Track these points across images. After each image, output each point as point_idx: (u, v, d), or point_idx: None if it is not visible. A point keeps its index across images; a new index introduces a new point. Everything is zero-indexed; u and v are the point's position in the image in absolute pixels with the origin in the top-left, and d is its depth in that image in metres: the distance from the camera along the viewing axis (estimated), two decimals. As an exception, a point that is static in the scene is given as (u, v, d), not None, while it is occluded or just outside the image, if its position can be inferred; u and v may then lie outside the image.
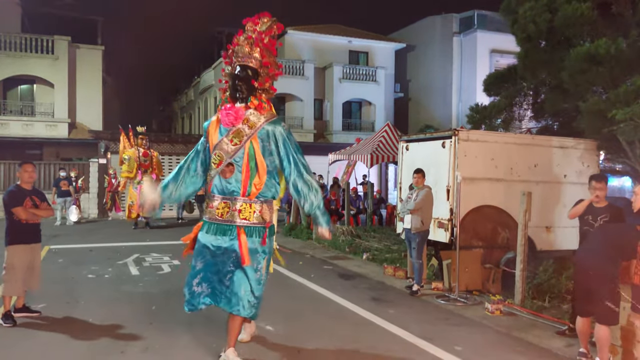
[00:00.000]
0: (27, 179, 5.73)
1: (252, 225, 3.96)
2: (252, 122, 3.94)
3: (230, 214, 3.95)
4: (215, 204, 3.99)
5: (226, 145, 3.92)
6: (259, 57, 4.05)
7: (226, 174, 3.90)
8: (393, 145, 14.85)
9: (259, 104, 4.02)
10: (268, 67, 4.10)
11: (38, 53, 21.42)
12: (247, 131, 3.92)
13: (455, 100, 27.15)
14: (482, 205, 7.84)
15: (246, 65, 4.00)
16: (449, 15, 27.80)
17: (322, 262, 10.18)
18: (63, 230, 14.58)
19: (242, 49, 4.02)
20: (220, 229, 3.96)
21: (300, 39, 26.81)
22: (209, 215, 4.04)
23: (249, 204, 3.95)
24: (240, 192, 3.92)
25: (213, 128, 4.06)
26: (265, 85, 4.12)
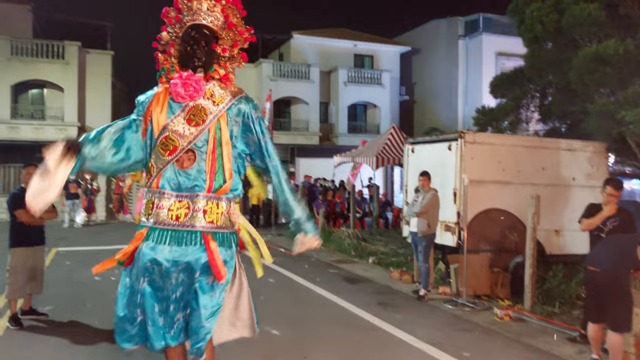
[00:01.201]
0: (30, 181, 5.75)
1: (220, 230, 2.92)
2: (218, 97, 2.93)
3: (191, 216, 2.86)
4: (167, 203, 2.88)
5: (181, 126, 2.88)
6: (220, 16, 3.03)
7: (184, 164, 2.88)
8: (399, 148, 14.80)
9: (225, 75, 3.03)
10: (234, 29, 3.08)
11: (49, 58, 21.58)
12: (212, 108, 2.90)
13: (461, 103, 27.12)
14: (489, 208, 7.79)
15: (202, 25, 2.97)
16: (454, 18, 27.79)
17: (327, 266, 10.15)
18: (71, 232, 14.64)
19: (196, 4, 3.00)
20: (175, 236, 2.86)
21: (306, 43, 26.87)
22: (156, 218, 2.88)
23: (215, 202, 2.91)
24: (205, 187, 2.88)
25: (157, 104, 2.96)
26: (233, 51, 3.10)
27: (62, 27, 23.51)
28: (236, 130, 2.97)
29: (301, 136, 25.37)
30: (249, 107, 2.98)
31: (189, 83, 2.88)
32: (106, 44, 24.13)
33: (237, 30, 3.09)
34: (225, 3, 3.07)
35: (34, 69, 21.38)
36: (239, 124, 2.97)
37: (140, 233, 2.93)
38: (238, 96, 2.98)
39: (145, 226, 2.92)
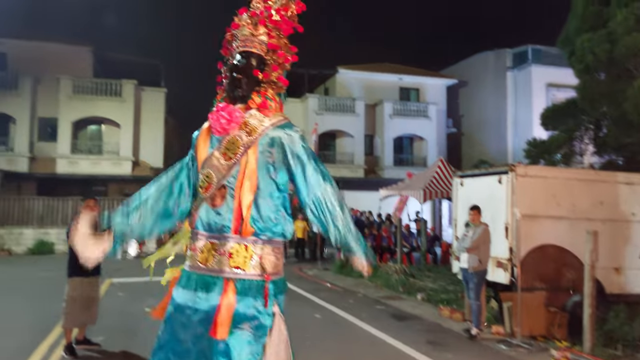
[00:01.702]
0: (89, 213, 5.98)
1: (247, 277, 2.56)
2: (251, 127, 2.69)
3: (218, 260, 2.58)
4: (199, 244, 2.65)
5: (217, 160, 2.66)
6: (265, 39, 2.83)
7: (216, 201, 2.64)
8: (446, 181, 14.59)
9: (262, 102, 2.76)
10: (276, 51, 2.84)
11: (107, 96, 22.76)
12: (244, 139, 2.66)
13: (511, 135, 26.63)
14: (544, 244, 7.52)
15: (248, 51, 2.79)
16: (502, 50, 27.60)
17: (374, 302, 9.99)
18: (124, 264, 15.05)
19: (242, 31, 2.84)
20: (202, 281, 2.59)
21: (351, 77, 27.24)
22: (190, 261, 2.69)
23: (243, 244, 2.59)
24: (232, 227, 2.59)
25: (203, 139, 2.80)
26: (272, 75, 2.84)
27: (120, 66, 24.84)
28: (274, 162, 2.67)
29: (346, 169, 25.46)
30: (284, 132, 2.69)
31: (222, 115, 2.70)
32: (160, 81, 25.26)
33: (278, 52, 2.87)
34: (271, 24, 2.86)
35: (93, 107, 22.55)
36: (274, 154, 2.67)
37: (175, 278, 2.75)
38: (276, 124, 2.71)
39: (182, 269, 2.73)
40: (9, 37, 22.54)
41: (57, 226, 18.45)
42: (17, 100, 21.92)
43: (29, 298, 9.64)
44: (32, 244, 17.97)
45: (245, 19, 2.86)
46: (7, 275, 12.78)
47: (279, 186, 2.69)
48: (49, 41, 23.23)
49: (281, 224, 2.68)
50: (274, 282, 2.65)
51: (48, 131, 22.71)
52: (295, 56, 2.93)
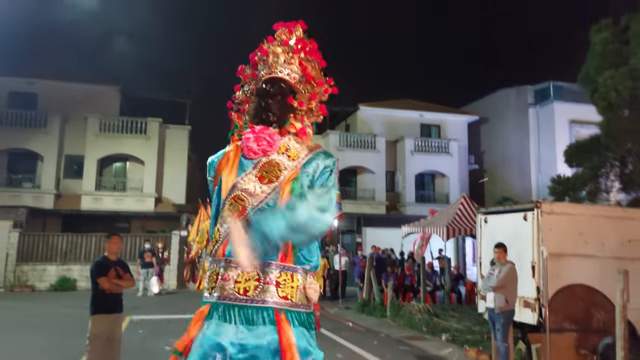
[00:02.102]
0: (113, 250, 6.04)
1: (296, 308, 2.40)
2: (293, 152, 2.59)
3: (261, 289, 2.38)
4: (234, 273, 2.42)
5: (252, 184, 2.52)
6: (296, 69, 2.79)
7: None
8: (470, 218, 14.41)
9: (301, 128, 2.72)
10: (312, 81, 2.81)
11: (132, 133, 23.27)
12: (287, 163, 2.55)
13: (534, 172, 26.35)
14: (572, 283, 7.32)
15: (279, 78, 2.73)
16: (523, 87, 27.62)
17: (397, 342, 9.77)
18: (144, 301, 15.06)
19: (272, 58, 2.78)
20: (244, 314, 2.36)
21: (372, 114, 27.45)
22: (220, 292, 2.42)
23: (290, 273, 2.43)
24: (278, 255, 2.42)
25: (227, 163, 2.66)
26: (311, 104, 2.82)
27: (145, 104, 25.48)
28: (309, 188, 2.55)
29: (367, 205, 25.37)
30: (327, 162, 2.61)
31: (261, 137, 2.59)
32: (184, 119, 25.78)
33: (316, 82, 2.83)
34: (304, 55, 2.83)
35: (118, 144, 23.05)
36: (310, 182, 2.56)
37: (201, 311, 2.46)
38: (316, 150, 2.65)
39: (207, 302, 2.45)
40: (39, 77, 23.41)
41: (80, 263, 18.65)
42: (45, 138, 22.53)
43: (52, 335, 9.67)
44: (55, 280, 18.14)
45: (275, 46, 2.80)
46: (30, 311, 12.87)
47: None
48: (77, 81, 24.00)
49: (316, 254, 2.56)
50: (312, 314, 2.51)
51: (74, 168, 23.21)
52: (335, 88, 2.89)
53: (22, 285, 17.72)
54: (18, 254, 18.15)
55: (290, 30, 2.85)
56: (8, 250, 18.03)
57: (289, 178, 2.50)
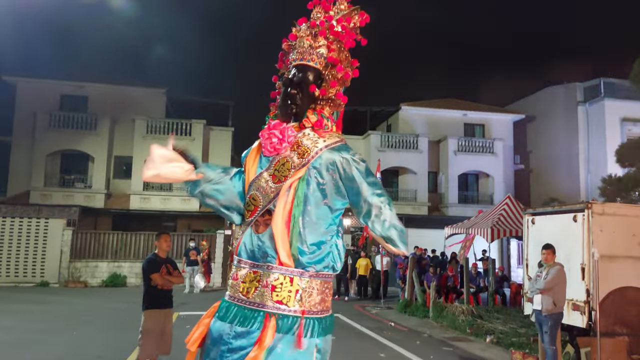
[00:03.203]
0: (164, 248, 6.25)
1: (290, 314, 2.29)
2: (304, 148, 2.42)
3: (260, 292, 2.32)
4: (242, 273, 2.40)
5: (266, 182, 2.43)
6: (324, 53, 2.56)
7: (259, 227, 2.39)
8: (515, 219, 14.11)
9: (317, 121, 2.50)
10: (335, 65, 2.57)
11: (178, 135, 23.88)
12: (295, 161, 2.40)
13: (583, 172, 25.51)
14: (624, 286, 7.10)
15: (305, 65, 2.54)
16: (572, 84, 26.77)
17: (440, 343, 9.69)
18: (191, 298, 15.44)
19: (301, 43, 2.57)
20: (240, 314, 2.33)
21: (414, 113, 27.21)
22: (231, 291, 2.44)
23: (289, 277, 2.32)
24: (277, 257, 2.32)
25: (251, 159, 2.59)
26: (330, 92, 2.57)
27: (190, 106, 26.11)
28: (326, 187, 2.39)
29: (409, 206, 25.18)
30: (340, 155, 2.40)
31: (273, 134, 2.47)
32: (228, 121, 26.28)
33: (338, 66, 2.59)
34: (332, 36, 2.59)
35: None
36: (328, 179, 2.39)
37: (214, 306, 2.48)
38: (331, 146, 2.42)
39: (222, 300, 2.46)
40: (90, 81, 24.35)
41: (129, 260, 19.26)
42: (96, 139, 23.41)
43: (105, 328, 10.05)
44: (106, 276, 18.81)
45: (304, 29, 2.60)
46: (83, 306, 13.40)
47: (331, 213, 2.42)
48: (125, 84, 24.86)
49: (332, 256, 2.41)
50: (319, 319, 2.35)
51: (123, 169, 24.04)
52: (356, 71, 2.66)
53: (76, 281, 18.46)
54: (71, 251, 18.90)
55: (328, 7, 2.63)
56: (62, 248, 18.80)
57: (295, 178, 2.37)
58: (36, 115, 22.84)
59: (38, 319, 10.92)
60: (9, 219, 18.54)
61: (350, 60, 2.64)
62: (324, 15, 2.62)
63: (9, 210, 19.35)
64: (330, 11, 2.63)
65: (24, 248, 18.36)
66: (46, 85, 23.89)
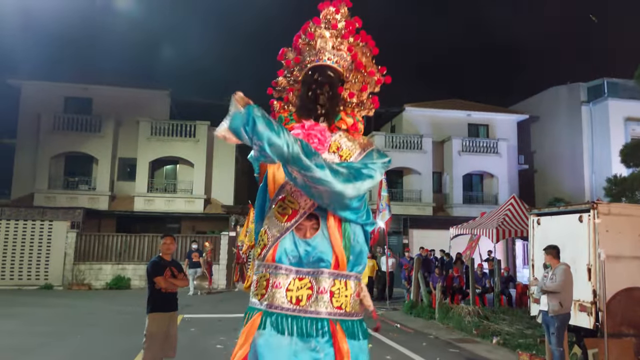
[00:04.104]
0: (168, 250, 6.20)
1: (349, 317, 2.26)
2: (345, 150, 2.40)
3: (316, 299, 2.22)
4: (285, 281, 2.25)
5: None
6: (347, 56, 2.53)
7: (306, 233, 2.28)
8: (520, 220, 14.07)
9: (353, 124, 2.50)
10: (363, 70, 2.55)
11: (182, 137, 23.92)
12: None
13: (587, 172, 25.41)
14: (631, 287, 7.05)
15: (327, 66, 2.47)
16: (575, 84, 26.71)
17: (447, 345, 9.63)
18: (195, 300, 15.43)
19: (320, 42, 2.50)
20: (298, 325, 2.19)
21: (418, 114, 27.16)
22: (271, 300, 2.25)
23: (344, 281, 2.27)
24: (331, 262, 2.24)
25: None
26: (362, 96, 2.57)
27: (194, 108, 26.12)
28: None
29: (414, 207, 25.11)
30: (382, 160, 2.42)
31: (312, 134, 2.36)
32: (231, 122, 26.22)
33: (367, 71, 2.57)
34: (354, 40, 2.57)
35: (169, 147, 23.73)
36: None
37: (253, 321, 2.27)
38: (368, 149, 2.45)
39: (257, 310, 2.29)
40: (94, 83, 24.39)
41: (133, 262, 19.27)
42: (100, 141, 23.42)
43: (109, 331, 10.05)
44: (110, 279, 18.82)
45: (322, 30, 2.54)
46: (87, 309, 13.41)
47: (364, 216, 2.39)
48: (129, 86, 24.88)
49: (365, 258, 2.41)
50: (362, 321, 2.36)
51: (127, 171, 24.05)
52: (388, 77, 2.64)
53: (79, 284, 18.48)
54: (75, 254, 18.92)
55: (337, 10, 2.59)
56: (66, 250, 18.83)
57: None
58: (40, 117, 22.90)
59: (42, 322, 10.92)
60: (13, 222, 18.59)
61: (377, 67, 2.63)
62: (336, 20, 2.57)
63: (13, 213, 19.40)
64: (338, 14, 2.60)
65: (27, 250, 18.40)
66: (50, 87, 23.95)
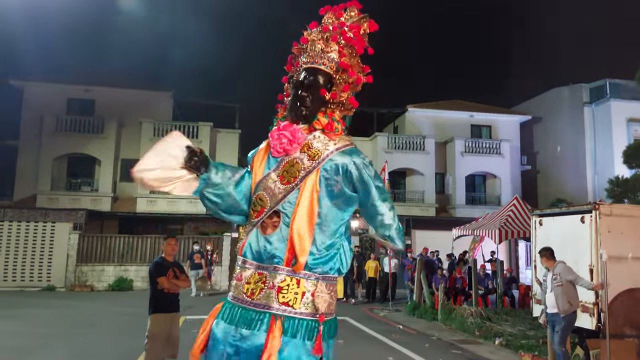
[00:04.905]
0: (170, 251, 6.21)
1: (296, 316, 2.28)
2: (314, 150, 2.43)
3: (265, 294, 2.31)
4: (246, 274, 2.39)
5: (273, 183, 2.43)
6: (335, 57, 2.57)
7: (267, 229, 2.37)
8: (523, 220, 14.03)
9: (328, 124, 2.51)
10: (347, 70, 2.59)
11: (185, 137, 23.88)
12: (305, 163, 2.41)
13: (590, 173, 25.39)
14: (633, 288, 7.03)
15: (316, 68, 2.55)
16: (578, 85, 26.71)
17: (449, 346, 9.62)
18: (197, 301, 15.43)
19: (312, 46, 2.59)
20: (245, 316, 2.31)
21: (421, 115, 27.17)
22: (234, 292, 2.41)
23: (295, 279, 2.31)
24: (283, 259, 2.32)
25: (258, 159, 2.59)
26: (342, 96, 2.60)
27: (197, 109, 26.17)
28: (336, 190, 2.39)
29: (417, 207, 25.10)
30: (350, 158, 2.41)
31: (283, 134, 2.47)
32: (234, 123, 26.30)
33: (350, 71, 2.60)
34: (345, 41, 2.59)
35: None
36: (339, 182, 2.39)
37: (216, 307, 2.46)
38: (342, 149, 2.44)
39: (225, 300, 2.45)
40: (97, 84, 24.42)
41: (136, 263, 19.30)
42: (102, 142, 23.48)
43: (111, 332, 10.06)
44: (113, 280, 18.84)
45: (316, 33, 2.61)
46: (89, 310, 13.43)
47: (340, 216, 2.43)
48: (132, 87, 24.91)
49: (339, 258, 2.41)
50: (326, 323, 2.33)
51: (130, 172, 24.02)
52: (369, 76, 2.68)
53: (82, 285, 18.50)
54: (78, 255, 18.94)
55: (340, 13, 2.65)
56: (68, 252, 18.86)
57: (313, 180, 2.37)
58: (43, 119, 22.96)
59: (44, 324, 10.94)
60: (16, 223, 18.63)
61: (361, 66, 2.66)
62: (336, 22, 2.63)
63: (15, 214, 19.44)
64: (342, 17, 2.65)
65: (30, 252, 18.43)
66: (53, 89, 24.01)
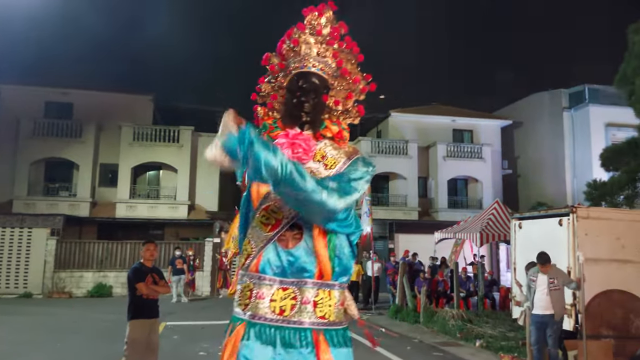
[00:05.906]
0: (149, 257, 6.15)
1: (333, 327, 2.25)
2: (330, 159, 2.36)
3: (298, 310, 2.21)
4: (268, 291, 2.24)
5: None
6: (332, 63, 2.51)
7: (289, 243, 2.26)
8: (504, 224, 14.18)
9: (338, 132, 2.47)
10: (348, 77, 2.55)
11: (165, 142, 23.69)
12: (323, 172, 2.31)
13: (569, 176, 25.80)
14: (609, 289, 7.14)
15: (311, 73, 2.44)
16: (557, 90, 27.13)
17: (431, 348, 9.67)
18: (178, 307, 15.30)
19: (305, 49, 2.48)
20: (283, 336, 2.19)
21: (404, 120, 27.34)
22: (254, 310, 2.23)
23: (327, 290, 2.26)
24: (315, 272, 2.24)
25: None
26: (347, 104, 2.57)
27: (178, 113, 25.93)
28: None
29: (400, 211, 25.22)
30: (366, 169, 2.34)
31: (297, 143, 2.34)
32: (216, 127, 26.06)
33: (352, 78, 2.56)
34: (339, 47, 2.54)
35: (152, 152, 23.51)
36: None
37: (237, 331, 2.25)
38: (353, 157, 2.38)
39: (240, 320, 2.26)
40: (75, 87, 24.03)
41: (115, 269, 19.05)
42: (81, 147, 23.08)
43: (90, 339, 9.91)
44: (91, 286, 18.57)
45: (308, 36, 2.51)
46: (68, 317, 13.22)
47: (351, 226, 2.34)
48: (112, 91, 24.60)
49: (352, 266, 2.39)
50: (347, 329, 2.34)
51: (109, 177, 23.73)
52: (373, 84, 2.61)
53: (60, 292, 18.19)
54: (55, 261, 18.63)
55: (321, 14, 2.55)
56: (46, 258, 18.54)
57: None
58: (20, 122, 22.51)
59: (21, 331, 10.73)
60: (-8, 229, 18.27)
61: (362, 74, 2.60)
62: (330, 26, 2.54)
63: (-9, 220, 19.07)
64: (323, 19, 2.55)
65: (6, 258, 18.09)
66: (30, 91, 23.51)
